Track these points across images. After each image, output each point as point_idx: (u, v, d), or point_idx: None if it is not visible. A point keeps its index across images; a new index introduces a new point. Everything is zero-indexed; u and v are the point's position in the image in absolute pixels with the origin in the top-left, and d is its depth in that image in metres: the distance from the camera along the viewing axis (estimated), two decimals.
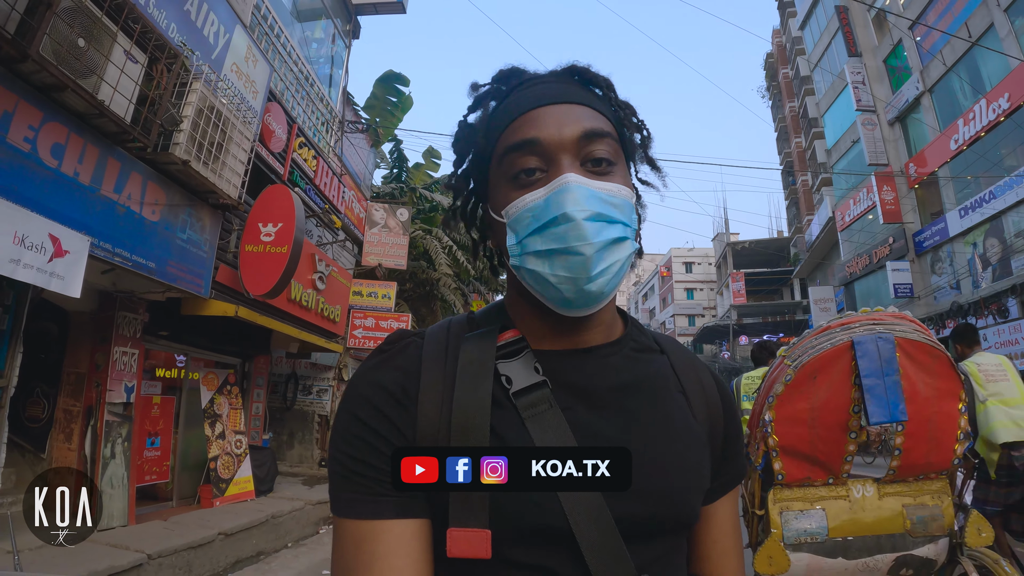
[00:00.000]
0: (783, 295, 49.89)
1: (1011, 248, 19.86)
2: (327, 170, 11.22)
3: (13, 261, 4.55)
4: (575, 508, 0.76)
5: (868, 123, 27.73)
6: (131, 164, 5.92)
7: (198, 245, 6.98)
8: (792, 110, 42.71)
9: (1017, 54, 19.44)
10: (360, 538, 0.78)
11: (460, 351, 0.87)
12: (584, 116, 0.86)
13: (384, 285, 14.62)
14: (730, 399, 1.02)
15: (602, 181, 0.84)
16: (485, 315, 0.98)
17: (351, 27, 13.86)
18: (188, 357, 9.02)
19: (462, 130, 0.97)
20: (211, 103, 6.39)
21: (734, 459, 1.01)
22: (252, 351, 10.52)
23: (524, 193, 0.84)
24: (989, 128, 20.70)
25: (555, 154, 0.84)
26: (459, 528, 0.76)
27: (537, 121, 0.85)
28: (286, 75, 10.56)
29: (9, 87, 4.72)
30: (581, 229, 0.79)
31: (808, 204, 40.13)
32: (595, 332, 0.91)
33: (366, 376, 0.86)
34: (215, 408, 8.87)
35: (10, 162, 4.71)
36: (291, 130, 9.43)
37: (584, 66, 0.94)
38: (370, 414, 0.82)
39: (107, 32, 5.22)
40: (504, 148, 0.87)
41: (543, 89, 0.90)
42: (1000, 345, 19.60)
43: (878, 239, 28.20)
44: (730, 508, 1.01)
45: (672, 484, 0.84)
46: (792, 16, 39.25)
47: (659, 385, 0.91)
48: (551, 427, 0.81)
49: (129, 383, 7.05)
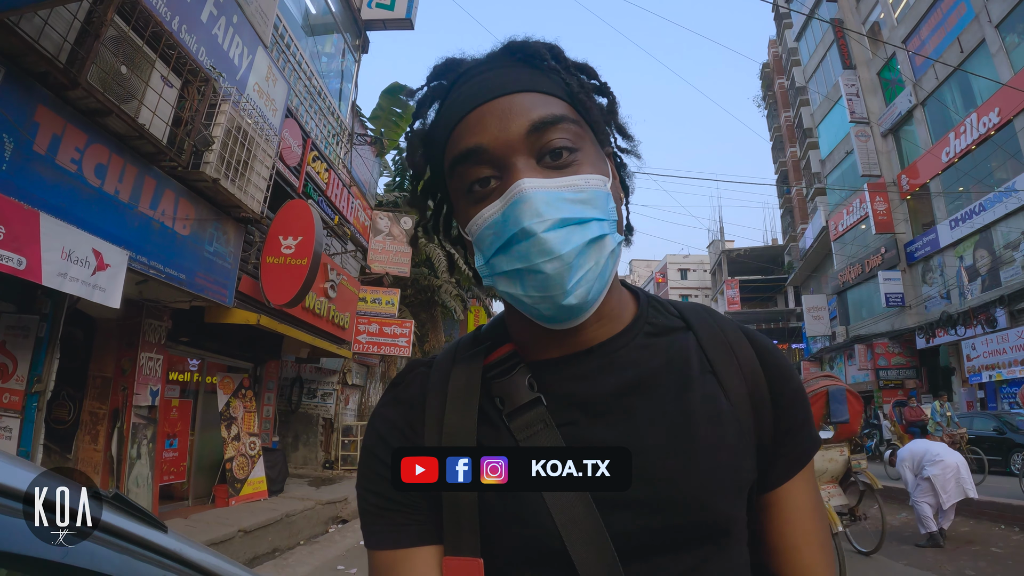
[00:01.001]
0: (777, 302, 50.41)
1: (1000, 259, 20.31)
2: (337, 182, 11.63)
3: (61, 275, 4.92)
4: (572, 531, 0.73)
5: (861, 135, 28.21)
6: (165, 182, 6.31)
7: (223, 257, 7.37)
8: (787, 120, 43.25)
9: (1007, 69, 19.92)
10: (387, 567, 0.79)
11: (450, 376, 0.85)
12: (530, 105, 0.77)
13: (388, 292, 15.06)
14: (779, 363, 0.88)
15: (563, 176, 0.76)
16: (489, 328, 0.94)
17: (360, 42, 14.27)
18: (205, 362, 9.40)
19: (410, 144, 0.89)
20: (238, 123, 6.77)
21: (796, 432, 0.86)
22: (264, 356, 10.91)
23: (481, 208, 0.77)
24: (980, 141, 21.17)
25: (505, 157, 0.76)
26: (452, 557, 0.77)
27: (478, 124, 0.77)
28: (299, 90, 10.94)
29: (58, 112, 5.10)
30: (544, 244, 0.72)
31: (802, 213, 40.67)
32: (597, 328, 0.83)
33: (381, 413, 0.87)
34: (231, 411, 9.23)
35: (59, 182, 5.09)
36: (305, 144, 9.83)
37: (522, 40, 0.84)
38: (382, 449, 0.82)
39: (147, 59, 5.61)
40: (451, 161, 0.80)
41: (480, 82, 0.80)
42: (988, 355, 20.10)
43: (870, 249, 28.64)
44: (800, 492, 0.86)
45: (691, 488, 0.75)
46: (788, 27, 39.75)
47: (680, 372, 0.82)
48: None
49: (154, 387, 7.42)
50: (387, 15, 13.95)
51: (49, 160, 5.00)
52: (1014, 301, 19.30)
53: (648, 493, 0.74)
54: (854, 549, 7.53)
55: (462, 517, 0.76)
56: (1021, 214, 19.32)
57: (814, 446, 0.89)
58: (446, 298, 18.34)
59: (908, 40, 25.62)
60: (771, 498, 0.86)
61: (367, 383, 17.76)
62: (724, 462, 0.78)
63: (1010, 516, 8.95)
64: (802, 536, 0.85)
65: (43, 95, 4.94)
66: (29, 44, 4.54)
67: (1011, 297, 19.36)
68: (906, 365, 26.81)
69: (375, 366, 18.10)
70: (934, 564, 7.04)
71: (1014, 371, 18.92)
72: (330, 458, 14.58)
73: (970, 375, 21.21)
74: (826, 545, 0.87)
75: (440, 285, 18.09)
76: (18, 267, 4.50)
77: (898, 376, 26.94)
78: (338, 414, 14.89)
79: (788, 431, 0.85)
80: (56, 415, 7.35)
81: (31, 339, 5.86)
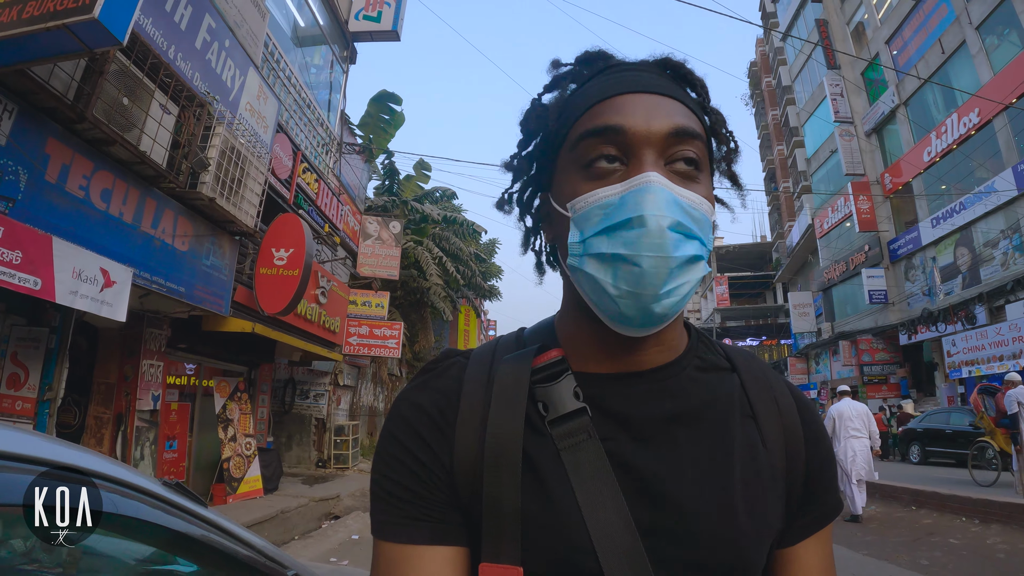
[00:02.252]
0: (766, 299, 50.88)
1: (979, 257, 20.78)
2: (327, 191, 12.07)
3: (72, 292, 5.35)
4: (609, 551, 0.71)
5: (846, 134, 28.64)
6: (165, 202, 6.74)
7: (219, 270, 7.82)
8: (775, 118, 43.58)
9: (987, 70, 20.30)
10: (394, 561, 0.76)
11: (496, 374, 0.82)
12: (676, 111, 0.77)
13: (378, 295, 15.46)
14: (816, 423, 0.89)
15: (688, 189, 0.76)
16: (534, 332, 0.92)
17: (348, 53, 14.69)
18: (202, 366, 9.83)
19: (534, 109, 0.89)
20: (232, 144, 7.19)
21: (822, 494, 0.86)
22: (258, 360, 11.37)
23: (597, 186, 0.76)
24: (960, 141, 21.64)
25: (639, 148, 0.75)
26: (491, 564, 0.74)
27: (623, 108, 0.76)
28: (289, 103, 11.33)
29: (67, 143, 5.53)
30: (657, 238, 0.71)
31: (790, 210, 41.07)
32: (653, 352, 0.82)
33: (409, 396, 0.83)
34: (227, 413, 9.66)
35: (68, 207, 5.53)
36: (296, 157, 10.26)
37: (680, 60, 0.85)
38: (408, 435, 0.79)
39: (146, 90, 6.03)
40: (580, 133, 0.78)
41: (633, 76, 0.80)
42: (968, 351, 20.53)
43: (854, 247, 29.13)
44: (816, 554, 0.86)
45: (725, 527, 0.75)
46: (775, 27, 39.75)
47: (723, 411, 0.82)
48: (587, 460, 0.75)
49: (155, 392, 7.85)
50: (374, 27, 14.33)
51: (59, 188, 5.44)
52: (993, 298, 19.73)
53: (682, 526, 0.74)
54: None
55: (504, 524, 0.74)
56: (1000, 213, 19.77)
57: (837, 509, 0.89)
58: (435, 299, 18.81)
59: (891, 40, 26.03)
60: (787, 555, 0.85)
61: (358, 383, 18.15)
62: (757, 507, 0.78)
63: (970, 508, 9.30)
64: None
65: (53, 128, 5.37)
66: (40, 84, 4.97)
67: (990, 294, 19.79)
68: (890, 361, 27.30)
69: (366, 367, 18.50)
70: (892, 554, 7.33)
71: (992, 367, 19.22)
72: (323, 457, 15.00)
73: (950, 371, 21.61)
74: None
75: (429, 287, 18.55)
76: (34, 288, 4.94)
77: (882, 372, 27.44)
78: (330, 414, 15.28)
79: (815, 490, 0.85)
80: (62, 420, 7.73)
81: (41, 350, 6.27)
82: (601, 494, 0.74)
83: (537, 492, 0.74)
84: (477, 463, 0.76)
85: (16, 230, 4.84)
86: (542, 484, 0.75)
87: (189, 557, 1.37)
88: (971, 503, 9.36)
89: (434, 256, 18.52)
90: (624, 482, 0.75)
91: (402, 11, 14.36)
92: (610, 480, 0.75)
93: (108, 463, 1.16)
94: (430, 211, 18.96)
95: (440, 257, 18.65)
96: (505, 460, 0.75)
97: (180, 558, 1.39)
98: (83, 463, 1.08)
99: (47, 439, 1.11)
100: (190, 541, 1.28)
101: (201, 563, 1.38)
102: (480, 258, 21.87)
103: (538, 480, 0.75)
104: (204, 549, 1.31)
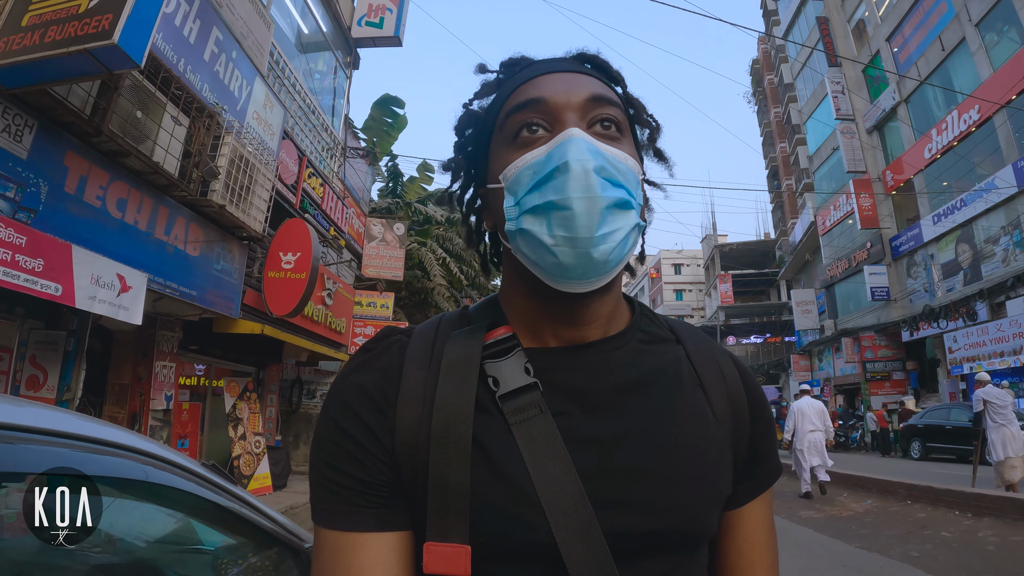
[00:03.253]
0: (770, 296, 50.77)
1: (980, 254, 20.85)
2: (332, 194, 12.32)
3: (91, 298, 5.61)
4: (562, 524, 0.71)
5: (847, 131, 28.71)
6: (177, 209, 7.02)
7: (229, 274, 8.09)
8: (777, 115, 43.38)
9: (987, 67, 20.38)
10: (338, 550, 0.74)
11: (445, 350, 0.81)
12: (593, 84, 0.82)
13: (382, 295, 15.69)
14: (758, 391, 0.92)
15: (609, 144, 0.78)
16: (479, 310, 0.91)
17: (351, 59, 14.91)
18: (212, 367, 10.11)
19: (465, 114, 0.94)
20: (240, 152, 7.44)
21: (765, 459, 0.90)
22: (266, 360, 11.67)
23: (524, 151, 0.79)
24: (961, 138, 21.70)
25: (560, 112, 0.79)
26: (437, 543, 0.72)
27: (543, 83, 0.81)
28: (294, 110, 11.56)
29: (84, 156, 5.79)
30: (583, 179, 0.72)
31: (792, 208, 40.99)
32: (596, 325, 0.83)
33: (348, 378, 0.81)
34: (237, 412, 9.92)
35: (87, 217, 5.79)
36: (301, 162, 10.52)
37: (594, 53, 0.90)
38: (348, 419, 0.77)
39: (159, 103, 6.28)
40: (507, 111, 0.82)
41: (552, 62, 0.86)
42: (969, 347, 20.62)
43: (856, 244, 29.17)
44: (760, 515, 0.90)
45: (678, 495, 0.76)
46: (776, 24, 39.94)
47: (671, 381, 0.83)
48: (539, 435, 0.75)
49: (168, 392, 8.12)
50: (376, 33, 14.53)
51: (78, 198, 5.71)
52: (994, 294, 19.80)
53: (636, 495, 0.74)
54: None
55: (451, 502, 0.72)
56: (1001, 210, 19.83)
57: (778, 471, 0.93)
58: (439, 299, 19.04)
59: (892, 38, 26.05)
60: (734, 516, 0.88)
61: None
62: (709, 473, 0.79)
63: (963, 503, 9.44)
64: (757, 556, 0.88)
65: (71, 142, 5.64)
66: (59, 100, 5.23)
67: (991, 291, 19.86)
68: (892, 357, 27.28)
69: None
70: (884, 546, 7.45)
71: (993, 363, 19.28)
72: None
73: (952, 367, 21.66)
74: (775, 565, 0.91)
75: (433, 287, 18.78)
76: (55, 293, 5.20)
77: (884, 368, 27.39)
78: None
79: (758, 455, 0.89)
80: None
81: (59, 353, 6.53)
82: (554, 468, 0.73)
83: (488, 469, 0.74)
84: (422, 441, 0.75)
85: (38, 239, 5.11)
86: (492, 461, 0.74)
87: (222, 528, 1.61)
88: (964, 497, 9.47)
89: (438, 257, 18.76)
90: (577, 455, 0.75)
91: (404, 17, 14.55)
92: (562, 454, 0.74)
93: (159, 447, 1.39)
94: (433, 212, 19.20)
95: (444, 258, 18.91)
96: (453, 436, 0.74)
97: (213, 530, 1.63)
98: (139, 445, 1.31)
99: (105, 424, 1.33)
100: (224, 512, 1.51)
101: (233, 532, 1.62)
102: None
103: (488, 457, 0.74)
104: (236, 520, 1.55)
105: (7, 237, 4.81)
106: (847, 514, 9.69)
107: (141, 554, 1.58)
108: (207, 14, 7.13)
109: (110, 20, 4.13)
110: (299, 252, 8.80)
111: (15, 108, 5.14)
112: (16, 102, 5.13)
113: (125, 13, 4.13)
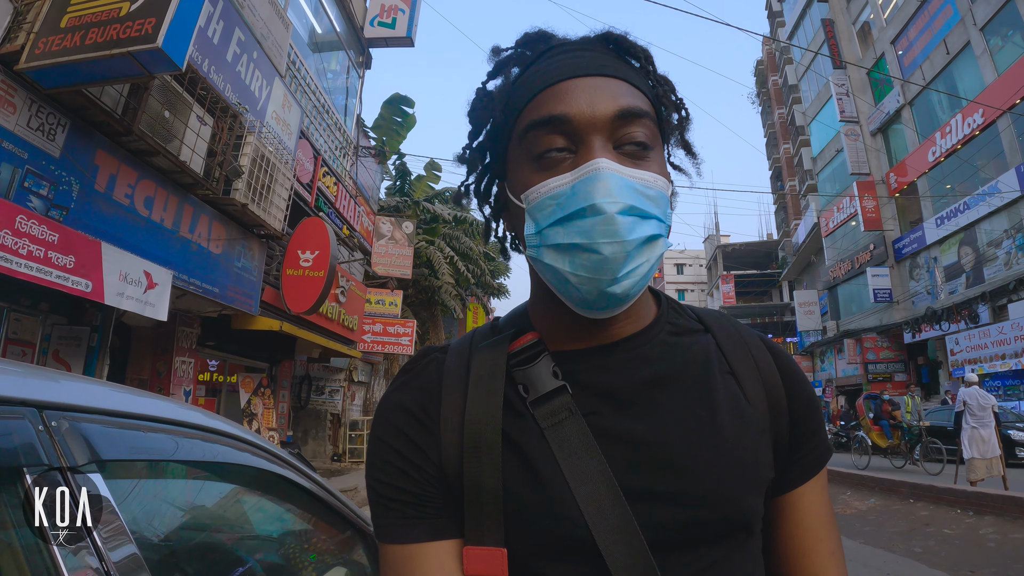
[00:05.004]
0: (772, 297, 50.86)
1: (983, 257, 20.90)
2: (344, 193, 12.47)
3: (119, 294, 5.76)
4: (599, 521, 0.72)
5: (851, 133, 28.71)
6: (201, 208, 7.17)
7: (249, 271, 8.25)
8: (781, 117, 43.34)
9: (991, 71, 20.43)
10: (399, 562, 0.77)
11: (471, 364, 0.83)
12: (621, 92, 0.77)
13: (391, 293, 15.84)
14: (794, 373, 0.89)
15: (638, 169, 0.75)
16: (508, 319, 0.93)
17: (364, 59, 15.06)
18: (227, 363, 10.26)
19: (480, 98, 0.89)
20: (261, 152, 7.58)
21: (810, 438, 0.87)
22: (279, 356, 11.82)
23: (547, 177, 0.76)
24: (964, 141, 21.75)
25: (586, 134, 0.75)
26: (474, 547, 0.75)
27: (567, 95, 0.76)
28: (308, 108, 11.67)
29: (114, 154, 5.94)
30: (611, 224, 0.71)
31: (795, 209, 41.03)
32: (623, 323, 0.83)
33: (391, 399, 0.84)
34: (251, 408, 10.08)
35: (115, 215, 5.94)
36: (316, 161, 10.67)
37: (621, 33, 0.85)
38: (396, 438, 0.80)
39: (185, 103, 6.42)
40: (527, 124, 0.78)
41: (574, 58, 0.80)
42: (970, 349, 20.71)
43: (859, 245, 29.20)
44: (813, 500, 0.87)
45: (716, 483, 0.75)
46: (781, 26, 39.86)
47: (701, 371, 0.82)
48: (571, 436, 0.76)
49: (187, 387, 8.27)
50: (389, 33, 14.65)
51: (107, 196, 5.86)
52: (996, 297, 19.87)
53: (675, 486, 0.74)
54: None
55: (485, 508, 0.75)
56: (1003, 213, 19.88)
57: (828, 453, 0.89)
58: (446, 298, 19.18)
59: (897, 40, 26.02)
60: (784, 501, 0.86)
61: (372, 380, 18.55)
62: (747, 458, 0.78)
63: (964, 501, 9.54)
64: (813, 542, 0.85)
65: (101, 141, 5.79)
66: (92, 100, 5.36)
67: (993, 293, 19.93)
68: (894, 359, 27.30)
69: (379, 363, 18.92)
70: (888, 543, 7.57)
71: (995, 365, 19.48)
72: (338, 451, 15.43)
73: (953, 369, 21.67)
74: (837, 553, 0.87)
75: (440, 286, 18.90)
76: (86, 290, 5.34)
77: (886, 370, 27.34)
78: (345, 410, 15.68)
79: (803, 437, 0.86)
80: None
81: (83, 348, 6.66)
82: (588, 467, 0.74)
83: (523, 473, 0.75)
84: (460, 453, 0.77)
85: (70, 236, 5.24)
86: (528, 465, 0.76)
87: (312, 512, 1.74)
88: (966, 496, 9.57)
89: (445, 255, 18.89)
90: (612, 452, 0.75)
91: (416, 17, 14.67)
92: (595, 453, 0.75)
93: (266, 441, 1.53)
94: (441, 211, 19.32)
95: (451, 256, 19.03)
96: (484, 443, 0.76)
97: (289, 508, 1.75)
98: (229, 430, 1.41)
99: (226, 421, 1.45)
100: (312, 498, 1.65)
101: (313, 511, 1.74)
102: (489, 256, 22.14)
103: (524, 461, 0.76)
104: (321, 505, 1.68)
105: (40, 234, 4.94)
106: (851, 512, 9.82)
107: (254, 542, 1.71)
108: (230, 15, 7.27)
109: (153, 24, 4.26)
110: (317, 250, 8.98)
111: (48, 107, 5.28)
112: (50, 102, 5.28)
113: (168, 17, 4.26)
